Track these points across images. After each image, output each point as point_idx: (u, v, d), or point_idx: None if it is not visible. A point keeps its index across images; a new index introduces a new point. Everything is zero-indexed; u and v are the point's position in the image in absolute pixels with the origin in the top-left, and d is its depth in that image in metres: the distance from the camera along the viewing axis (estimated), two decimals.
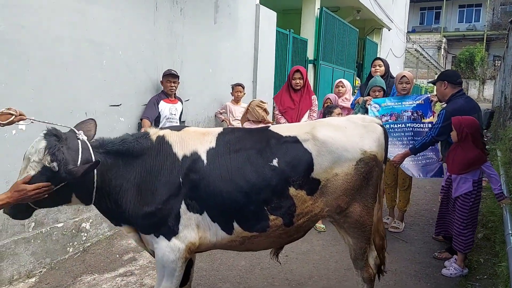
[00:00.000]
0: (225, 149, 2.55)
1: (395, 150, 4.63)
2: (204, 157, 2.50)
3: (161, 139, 2.54)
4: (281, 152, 2.53)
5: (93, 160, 2.32)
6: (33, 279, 3.68)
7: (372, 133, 2.70)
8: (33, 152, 2.24)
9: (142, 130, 3.49)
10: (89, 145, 2.41)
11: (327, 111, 5.01)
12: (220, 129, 2.71)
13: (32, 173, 2.20)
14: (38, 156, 2.21)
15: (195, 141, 2.56)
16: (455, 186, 3.84)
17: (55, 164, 2.18)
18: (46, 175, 2.21)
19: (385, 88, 5.06)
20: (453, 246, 3.90)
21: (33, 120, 2.46)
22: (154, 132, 2.58)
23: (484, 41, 35.86)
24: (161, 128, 2.67)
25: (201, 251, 2.75)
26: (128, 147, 2.48)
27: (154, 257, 2.60)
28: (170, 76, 4.95)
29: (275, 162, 2.50)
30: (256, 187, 2.45)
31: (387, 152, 2.93)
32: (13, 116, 2.36)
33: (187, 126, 2.75)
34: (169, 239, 2.45)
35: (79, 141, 2.39)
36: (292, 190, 2.50)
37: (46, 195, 2.21)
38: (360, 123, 2.76)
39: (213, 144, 2.56)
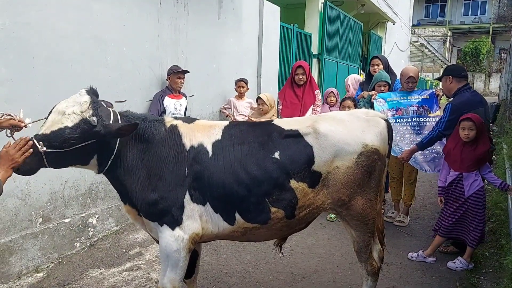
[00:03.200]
0: (230, 141, 2.60)
1: (402, 145, 4.63)
2: (209, 148, 2.55)
3: (174, 128, 2.60)
4: (283, 145, 2.57)
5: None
6: (41, 274, 3.72)
7: (375, 127, 2.71)
8: (71, 105, 2.28)
9: None
10: (117, 112, 2.49)
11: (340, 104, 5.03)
12: (226, 122, 2.76)
13: (69, 124, 2.22)
14: (80, 109, 2.26)
15: (202, 133, 2.61)
16: (468, 184, 3.78)
17: (95, 118, 2.25)
18: (82, 128, 2.24)
19: (390, 82, 5.04)
20: (468, 243, 3.83)
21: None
22: (169, 120, 2.65)
23: (490, 34, 35.50)
24: (176, 118, 2.73)
25: (203, 242, 2.80)
26: (147, 126, 2.54)
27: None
28: (181, 73, 4.99)
29: (276, 154, 2.53)
30: (257, 179, 2.49)
31: (391, 146, 2.93)
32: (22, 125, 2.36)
33: (198, 119, 2.79)
34: (172, 228, 2.49)
35: (109, 108, 2.48)
36: (293, 183, 2.53)
37: (27, 152, 2.11)
38: (363, 117, 2.77)
39: (218, 137, 2.61)
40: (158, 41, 5.06)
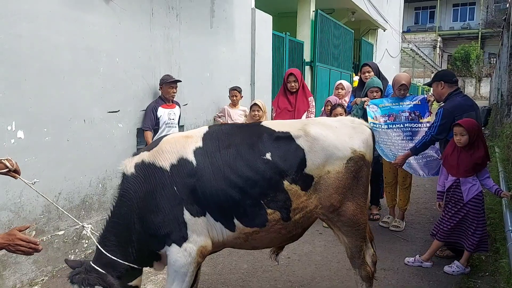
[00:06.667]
0: (214, 146, 2.58)
1: (395, 150, 4.65)
2: (192, 159, 2.53)
3: (141, 164, 2.57)
4: (274, 146, 2.58)
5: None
6: None
7: (361, 134, 2.77)
8: None
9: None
10: (103, 251, 2.54)
11: (330, 112, 5.06)
12: (205, 128, 2.73)
13: None
14: None
15: (177, 146, 2.58)
16: (466, 189, 3.78)
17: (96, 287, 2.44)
18: None
19: (382, 88, 5.08)
20: (466, 247, 3.82)
21: (29, 183, 2.61)
22: (129, 167, 2.58)
23: (479, 39, 36.00)
24: (135, 155, 2.68)
25: (214, 252, 2.81)
26: (114, 217, 2.61)
27: None
28: (174, 83, 4.99)
29: (268, 155, 2.55)
30: (250, 181, 2.50)
31: (374, 154, 2.98)
32: (7, 170, 2.46)
33: (167, 135, 2.78)
34: (180, 245, 2.49)
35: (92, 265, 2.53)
36: (286, 184, 2.55)
37: (29, 253, 2.18)
38: (350, 124, 2.83)
39: (199, 144, 2.59)
40: (151, 51, 5.06)
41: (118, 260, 2.51)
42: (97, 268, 2.48)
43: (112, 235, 2.57)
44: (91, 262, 2.52)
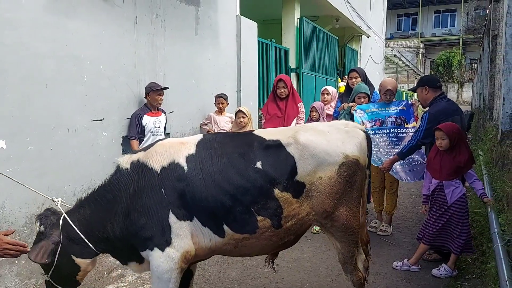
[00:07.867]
0: (207, 154, 2.60)
1: (381, 155, 4.68)
2: (184, 164, 2.55)
3: (137, 163, 2.62)
4: (264, 155, 2.59)
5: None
6: None
7: (354, 138, 2.75)
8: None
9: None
10: (63, 213, 2.57)
11: None
12: (200, 136, 2.76)
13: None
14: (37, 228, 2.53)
15: (170, 151, 2.61)
16: (449, 192, 3.82)
17: (42, 227, 2.47)
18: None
19: (369, 94, 5.12)
20: (452, 250, 3.84)
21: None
22: (126, 161, 2.65)
23: (460, 45, 36.81)
24: (134, 153, 2.73)
25: (202, 259, 2.77)
26: (99, 196, 2.61)
27: None
28: (161, 90, 4.96)
29: (258, 164, 2.55)
30: (241, 189, 2.50)
31: (371, 157, 2.97)
32: None
33: (163, 139, 2.80)
34: (162, 249, 2.46)
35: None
36: (277, 192, 2.54)
37: (17, 256, 2.21)
38: (343, 128, 2.81)
39: (192, 151, 2.61)
40: (136, 58, 5.02)
41: (75, 228, 2.51)
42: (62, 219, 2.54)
43: (88, 209, 2.60)
44: (65, 213, 2.57)
